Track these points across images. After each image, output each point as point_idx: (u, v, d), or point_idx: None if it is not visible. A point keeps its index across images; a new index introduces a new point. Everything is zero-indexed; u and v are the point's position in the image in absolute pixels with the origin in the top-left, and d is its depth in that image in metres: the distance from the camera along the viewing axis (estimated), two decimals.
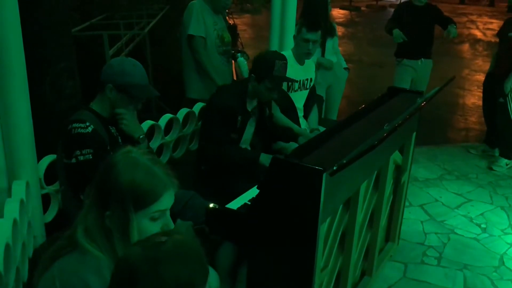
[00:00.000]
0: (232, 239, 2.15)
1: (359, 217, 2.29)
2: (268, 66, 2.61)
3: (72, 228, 1.35)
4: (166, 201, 1.33)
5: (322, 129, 3.38)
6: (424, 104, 2.48)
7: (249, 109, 2.75)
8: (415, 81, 4.76)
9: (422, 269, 3.05)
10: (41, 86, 2.88)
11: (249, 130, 2.82)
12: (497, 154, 4.74)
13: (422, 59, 4.67)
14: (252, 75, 2.66)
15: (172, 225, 1.37)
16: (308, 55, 3.29)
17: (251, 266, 2.04)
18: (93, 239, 1.30)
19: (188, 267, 1.05)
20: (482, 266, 3.10)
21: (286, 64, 2.67)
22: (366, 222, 2.51)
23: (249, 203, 2.21)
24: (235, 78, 3.86)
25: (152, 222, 1.31)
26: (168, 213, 1.35)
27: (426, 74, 4.79)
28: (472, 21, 17.78)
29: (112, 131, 2.15)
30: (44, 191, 2.31)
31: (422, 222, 3.60)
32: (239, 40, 7.15)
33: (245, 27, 13.41)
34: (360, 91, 7.41)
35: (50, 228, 2.31)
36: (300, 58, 3.33)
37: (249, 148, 2.88)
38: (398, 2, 21.69)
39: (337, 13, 18.48)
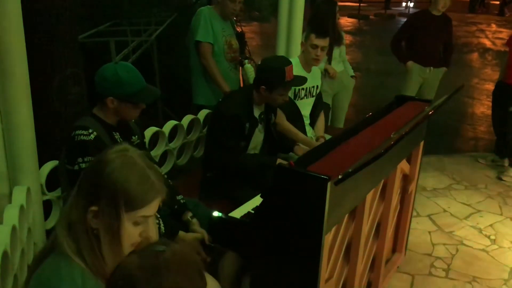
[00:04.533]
0: (235, 248, 2.11)
1: (365, 227, 2.24)
2: (279, 75, 2.60)
3: (56, 223, 1.30)
4: (154, 207, 1.29)
5: (328, 137, 3.34)
6: (432, 112, 2.44)
7: (256, 116, 2.73)
8: (423, 88, 4.72)
9: (429, 281, 2.99)
10: (47, 92, 2.89)
11: (258, 136, 2.80)
12: (506, 164, 4.67)
13: (431, 67, 4.64)
14: (263, 86, 2.63)
15: (152, 232, 1.33)
16: (316, 61, 3.26)
17: (255, 276, 2.01)
18: (75, 237, 1.24)
19: (188, 276, 1.04)
20: (492, 278, 3.03)
21: (292, 66, 2.66)
22: (372, 233, 2.46)
23: (253, 211, 2.18)
24: (241, 84, 3.85)
25: (134, 226, 1.27)
26: (150, 220, 1.31)
27: (434, 83, 4.75)
28: (481, 30, 17.69)
29: (116, 137, 2.13)
30: (46, 197, 2.29)
31: (430, 232, 3.54)
32: (247, 47, 7.15)
33: (253, 35, 13.45)
34: (368, 99, 7.37)
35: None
36: (308, 65, 3.30)
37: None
38: (407, 11, 21.71)
39: (346, 22, 18.49)
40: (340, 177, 1.65)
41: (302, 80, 2.79)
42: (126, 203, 1.24)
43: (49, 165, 2.30)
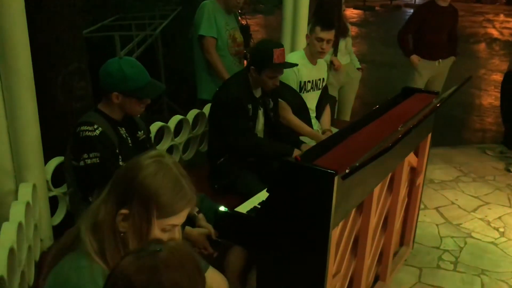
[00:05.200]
0: (241, 243, 2.10)
1: (373, 220, 2.22)
2: (266, 55, 2.60)
3: (78, 221, 1.30)
4: (183, 216, 1.30)
5: (334, 130, 3.32)
6: (440, 105, 2.41)
7: (257, 96, 2.74)
8: (431, 81, 4.66)
9: (437, 274, 2.97)
10: (52, 88, 2.88)
11: (261, 120, 2.80)
12: None
13: (440, 60, 4.58)
14: (252, 67, 2.63)
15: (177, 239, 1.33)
16: (322, 54, 3.23)
17: (261, 271, 2.00)
18: (100, 237, 1.25)
19: (188, 274, 1.03)
20: (501, 271, 3.01)
21: (283, 50, 2.65)
22: (380, 226, 2.44)
23: (259, 206, 2.17)
24: None
25: (163, 233, 1.28)
26: (177, 228, 1.31)
27: (443, 74, 4.69)
28: (489, 20, 17.52)
29: (122, 132, 2.12)
30: (52, 194, 2.29)
31: (437, 225, 3.51)
32: (252, 40, 7.13)
33: (258, 28, 13.39)
34: (374, 91, 7.32)
35: (58, 231, 2.29)
36: (313, 57, 3.27)
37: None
38: (413, 2, 21.53)
39: (351, 13, 18.36)
40: (347, 171, 1.63)
41: (291, 64, 2.77)
42: (158, 209, 1.25)
43: (55, 161, 2.29)
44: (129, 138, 2.15)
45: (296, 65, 2.88)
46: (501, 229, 3.48)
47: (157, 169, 1.26)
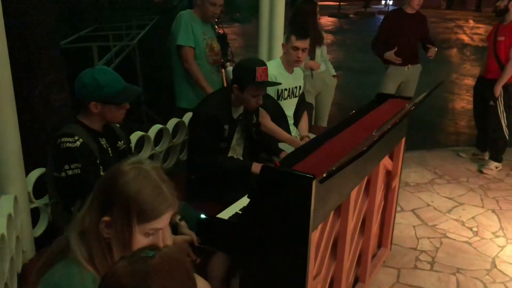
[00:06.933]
0: (224, 249, 2.14)
1: (351, 223, 2.29)
2: (249, 74, 2.59)
3: (66, 231, 1.32)
4: (165, 220, 1.33)
5: (312, 136, 3.39)
6: (413, 109, 2.50)
7: (235, 117, 2.75)
8: (403, 86, 4.78)
9: (415, 274, 3.05)
10: (31, 99, 2.88)
11: (237, 138, 2.81)
12: (487, 157, 4.77)
13: (409, 65, 4.70)
14: (235, 85, 2.65)
15: (160, 244, 1.36)
16: (298, 62, 3.30)
17: (244, 276, 2.03)
18: (88, 244, 1.27)
19: (177, 281, 1.05)
20: (475, 269, 3.11)
21: (266, 69, 2.65)
22: (358, 229, 2.51)
23: (240, 212, 2.21)
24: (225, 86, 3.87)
25: (145, 237, 1.30)
26: (160, 232, 1.34)
27: (414, 79, 4.82)
28: (459, 26, 17.97)
29: (102, 143, 2.14)
30: (34, 205, 2.29)
31: (414, 227, 3.61)
32: (229, 49, 7.17)
33: (235, 36, 13.48)
34: (350, 97, 7.45)
35: (40, 243, 2.28)
36: (290, 66, 3.34)
37: (240, 157, 2.88)
38: (386, 9, 21.94)
39: (326, 21, 18.62)
40: (324, 175, 1.69)
41: (275, 82, 2.81)
42: (138, 215, 1.27)
43: (36, 172, 2.30)
44: (109, 149, 2.17)
45: (280, 84, 2.93)
46: (475, 229, 3.60)
47: (136, 175, 1.29)
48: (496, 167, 4.61)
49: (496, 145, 4.63)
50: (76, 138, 2.00)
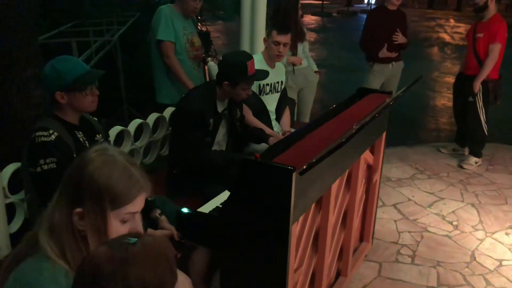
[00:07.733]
0: (205, 243, 2.12)
1: (332, 216, 2.29)
2: (241, 70, 2.60)
3: (34, 227, 1.29)
4: (139, 203, 1.30)
5: None
6: (392, 102, 2.51)
7: (220, 111, 2.74)
8: (386, 83, 4.83)
9: (396, 268, 3.07)
10: (8, 95, 2.82)
11: (221, 131, 2.80)
12: (467, 152, 4.84)
13: (393, 62, 4.75)
14: (226, 82, 2.64)
15: (140, 228, 1.34)
16: (279, 57, 3.30)
17: (225, 270, 2.02)
18: (58, 239, 1.24)
19: (156, 271, 1.02)
20: (455, 262, 3.14)
21: (254, 61, 2.67)
22: (339, 222, 2.51)
23: (221, 206, 2.19)
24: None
25: (122, 224, 1.28)
26: (137, 216, 1.32)
27: (396, 76, 4.87)
28: (440, 25, 18.20)
29: (79, 136, 2.11)
30: (9, 200, 2.24)
31: (395, 221, 3.63)
32: (212, 46, 7.14)
33: (219, 34, 13.43)
34: (333, 94, 7.48)
35: (16, 239, 2.24)
36: (271, 60, 3.33)
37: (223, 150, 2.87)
38: (369, 8, 22.12)
39: (309, 19, 18.68)
40: (304, 167, 1.68)
41: (264, 74, 2.81)
42: (111, 201, 1.24)
43: (11, 167, 2.25)
44: (87, 142, 2.13)
45: (268, 74, 2.93)
46: (455, 223, 3.64)
47: (103, 161, 1.26)
48: (476, 162, 4.67)
49: (476, 141, 4.69)
50: (51, 132, 1.96)
